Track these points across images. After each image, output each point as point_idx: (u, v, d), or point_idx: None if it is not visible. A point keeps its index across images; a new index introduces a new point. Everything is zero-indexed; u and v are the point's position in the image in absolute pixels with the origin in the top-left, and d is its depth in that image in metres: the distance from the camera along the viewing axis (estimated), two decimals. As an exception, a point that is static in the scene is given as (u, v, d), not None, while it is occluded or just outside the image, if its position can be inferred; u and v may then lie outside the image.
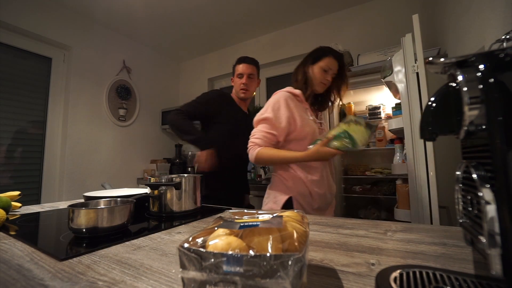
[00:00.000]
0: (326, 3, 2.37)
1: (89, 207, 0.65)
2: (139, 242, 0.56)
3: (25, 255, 0.48)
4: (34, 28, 2.16)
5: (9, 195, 0.93)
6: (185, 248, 0.27)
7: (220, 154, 1.30)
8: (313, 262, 0.44)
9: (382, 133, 2.02)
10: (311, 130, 1.04)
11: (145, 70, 3.11)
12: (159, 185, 0.84)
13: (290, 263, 0.24)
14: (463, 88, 0.32)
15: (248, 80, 1.42)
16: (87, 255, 0.49)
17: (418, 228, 0.64)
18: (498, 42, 0.54)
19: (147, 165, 3.02)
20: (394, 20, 2.20)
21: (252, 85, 1.45)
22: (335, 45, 2.13)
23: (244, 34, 2.94)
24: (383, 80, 1.43)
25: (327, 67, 1.06)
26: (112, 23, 2.64)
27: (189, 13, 2.51)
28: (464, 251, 0.46)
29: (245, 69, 1.42)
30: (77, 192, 2.33)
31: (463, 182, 0.38)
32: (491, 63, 0.31)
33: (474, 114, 0.32)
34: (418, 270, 0.37)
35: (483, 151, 0.32)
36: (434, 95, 0.37)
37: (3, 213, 0.70)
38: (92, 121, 2.55)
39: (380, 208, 1.98)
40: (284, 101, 1.03)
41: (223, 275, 0.25)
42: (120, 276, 0.39)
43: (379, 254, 0.46)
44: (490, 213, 0.29)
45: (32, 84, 2.21)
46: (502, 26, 0.97)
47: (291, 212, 0.40)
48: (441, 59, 0.36)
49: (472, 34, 1.28)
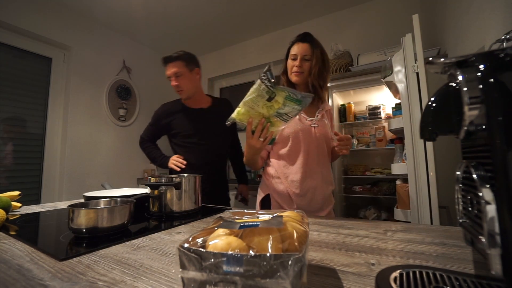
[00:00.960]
0: (326, 3, 2.37)
1: (89, 207, 0.65)
2: (139, 242, 0.56)
3: (25, 255, 0.48)
4: (34, 28, 2.16)
5: (9, 195, 0.93)
6: (185, 248, 0.27)
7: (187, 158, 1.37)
8: (313, 262, 0.44)
9: (382, 133, 2.02)
10: (292, 131, 0.99)
11: (145, 70, 3.11)
12: (159, 185, 0.84)
13: (290, 263, 0.24)
14: (463, 88, 0.32)
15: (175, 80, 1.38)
16: (87, 255, 0.49)
17: (418, 228, 0.64)
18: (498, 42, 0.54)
19: (147, 165, 3.01)
20: (394, 20, 2.20)
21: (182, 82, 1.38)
22: (335, 45, 2.13)
23: (244, 34, 2.94)
24: (383, 80, 1.43)
25: (294, 55, 1.02)
26: (112, 23, 2.64)
27: (189, 13, 2.50)
28: (464, 251, 0.46)
29: None
30: (77, 192, 2.33)
31: (463, 182, 0.38)
32: (491, 63, 0.31)
33: (474, 114, 0.32)
34: (418, 270, 0.37)
35: (483, 151, 0.32)
36: (434, 95, 0.37)
37: (3, 213, 0.70)
38: (92, 121, 2.54)
39: (380, 208, 1.98)
40: None
41: (223, 275, 0.25)
42: (120, 276, 0.39)
43: (379, 254, 0.46)
44: (490, 213, 0.29)
45: (32, 84, 2.21)
46: (502, 26, 0.97)
47: (291, 212, 0.40)
48: (441, 59, 0.36)
49: (472, 34, 1.28)
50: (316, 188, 1.01)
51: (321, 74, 1.03)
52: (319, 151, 1.04)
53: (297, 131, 1.01)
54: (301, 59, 1.02)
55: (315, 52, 1.02)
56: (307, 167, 1.00)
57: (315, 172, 1.02)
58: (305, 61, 1.02)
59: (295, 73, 1.03)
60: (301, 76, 1.03)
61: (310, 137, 1.02)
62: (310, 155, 1.01)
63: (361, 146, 2.11)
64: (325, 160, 1.08)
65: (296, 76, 1.03)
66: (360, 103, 2.24)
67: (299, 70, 1.02)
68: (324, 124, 1.07)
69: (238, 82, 3.21)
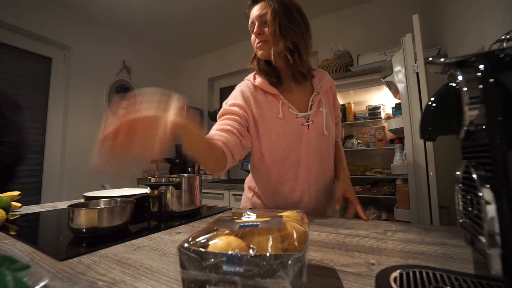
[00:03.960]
0: (325, 3, 2.37)
1: (89, 207, 0.65)
2: (139, 242, 0.56)
3: (25, 255, 0.48)
4: (34, 28, 2.16)
5: (9, 195, 0.93)
6: (185, 248, 0.27)
7: None
8: (313, 262, 0.44)
9: (382, 133, 2.02)
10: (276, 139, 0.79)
11: (145, 70, 3.11)
12: (159, 185, 0.84)
13: (290, 262, 0.24)
14: (463, 88, 0.32)
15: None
16: (87, 255, 0.49)
17: (418, 228, 0.64)
18: (498, 42, 0.54)
19: (147, 165, 3.02)
20: (394, 20, 2.20)
21: None
22: (335, 45, 2.13)
23: (244, 34, 2.93)
24: (383, 80, 1.43)
25: (251, 24, 0.77)
26: (112, 23, 2.64)
27: (189, 13, 2.50)
28: (464, 251, 0.46)
29: None
30: (77, 192, 2.33)
31: (463, 182, 0.38)
32: (491, 63, 0.31)
33: (474, 114, 0.32)
34: (418, 270, 0.37)
35: (483, 151, 0.32)
36: (434, 95, 0.37)
37: (3, 213, 0.70)
38: (92, 121, 2.54)
39: (380, 208, 1.98)
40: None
41: (223, 275, 0.25)
42: (120, 276, 0.39)
43: (379, 254, 0.46)
44: (490, 213, 0.29)
45: (32, 84, 2.20)
46: (502, 26, 0.97)
47: (291, 212, 0.40)
48: (441, 59, 0.36)
49: (472, 34, 1.28)
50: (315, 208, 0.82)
51: (290, 32, 0.72)
52: (318, 158, 0.79)
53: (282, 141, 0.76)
54: (259, 24, 0.73)
55: (272, 5, 0.72)
56: (302, 183, 0.78)
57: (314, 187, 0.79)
58: (264, 24, 0.73)
59: (258, 46, 0.75)
60: (266, 45, 0.74)
61: (302, 142, 0.77)
62: (304, 167, 0.78)
63: (361, 146, 2.11)
64: (328, 168, 0.84)
65: (260, 49, 0.75)
66: (360, 103, 2.24)
67: (261, 39, 0.74)
68: (322, 117, 0.79)
69: (238, 82, 3.20)
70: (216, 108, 3.18)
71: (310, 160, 0.78)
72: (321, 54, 2.39)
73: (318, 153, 0.79)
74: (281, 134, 0.76)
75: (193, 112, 0.52)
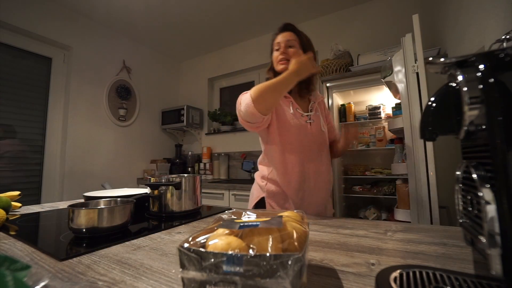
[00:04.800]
0: (326, 3, 2.37)
1: (89, 207, 0.65)
2: (139, 242, 0.56)
3: (25, 255, 0.48)
4: (34, 28, 2.16)
5: (9, 195, 0.93)
6: (185, 248, 0.27)
7: None
8: (313, 262, 0.44)
9: (382, 133, 2.02)
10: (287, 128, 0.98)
11: (145, 70, 3.11)
12: (159, 185, 0.84)
13: (290, 262, 0.24)
14: (463, 88, 0.32)
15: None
16: (87, 255, 0.49)
17: (418, 228, 0.64)
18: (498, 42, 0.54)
19: (147, 165, 3.02)
20: (394, 20, 2.20)
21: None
22: (335, 45, 2.13)
23: (244, 34, 2.94)
24: (383, 80, 1.43)
25: (278, 44, 1.00)
26: (112, 23, 2.64)
27: (189, 13, 2.50)
28: (464, 251, 0.46)
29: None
30: (77, 192, 2.33)
31: (463, 182, 0.38)
32: (491, 63, 0.31)
33: (474, 114, 0.32)
34: (418, 270, 0.37)
35: (483, 151, 0.32)
36: (434, 95, 0.37)
37: (3, 213, 0.70)
38: (92, 121, 2.54)
39: (380, 208, 1.98)
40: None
41: (223, 275, 0.25)
42: (120, 276, 0.39)
43: (379, 254, 0.46)
44: (490, 213, 0.29)
45: (32, 84, 2.20)
46: (502, 26, 0.97)
47: (291, 212, 0.40)
48: (441, 59, 0.36)
49: (472, 34, 1.28)
50: (315, 189, 0.98)
51: None
52: (317, 148, 1.00)
53: (293, 129, 0.97)
54: (285, 46, 0.99)
55: (297, 38, 1.00)
56: (305, 167, 0.96)
57: (314, 172, 0.98)
58: (289, 48, 0.99)
59: (280, 62, 0.99)
60: (287, 64, 0.97)
61: (307, 134, 0.98)
62: (308, 154, 0.97)
63: (361, 146, 2.11)
64: (324, 158, 1.04)
65: (282, 65, 0.98)
66: (360, 103, 2.24)
67: (284, 57, 0.98)
68: (319, 118, 1.04)
69: (238, 82, 3.21)
70: (216, 108, 3.18)
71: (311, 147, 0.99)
72: (321, 54, 2.39)
73: (317, 144, 1.02)
74: (291, 126, 0.97)
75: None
